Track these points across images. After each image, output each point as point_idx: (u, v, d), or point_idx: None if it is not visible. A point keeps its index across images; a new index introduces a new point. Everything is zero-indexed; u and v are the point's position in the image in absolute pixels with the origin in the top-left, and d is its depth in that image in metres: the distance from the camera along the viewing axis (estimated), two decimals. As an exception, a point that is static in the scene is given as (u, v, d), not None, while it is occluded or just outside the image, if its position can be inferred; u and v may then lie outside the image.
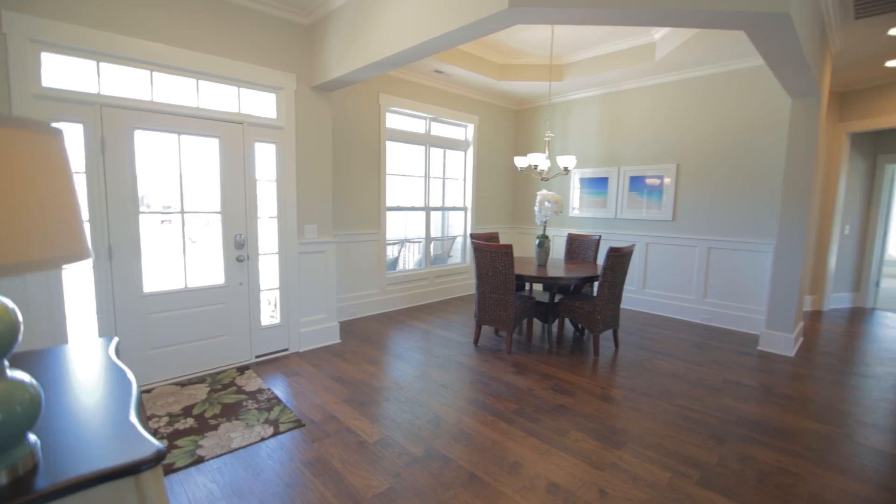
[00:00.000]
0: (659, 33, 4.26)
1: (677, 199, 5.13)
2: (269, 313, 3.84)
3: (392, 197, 5.30)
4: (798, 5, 2.20)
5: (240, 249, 3.48)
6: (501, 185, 6.67)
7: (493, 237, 5.04)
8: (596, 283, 5.67)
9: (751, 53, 4.28)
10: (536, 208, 4.20)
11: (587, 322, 3.84)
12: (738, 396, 3.07)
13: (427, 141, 5.57)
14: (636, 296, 5.50)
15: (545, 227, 4.44)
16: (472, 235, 4.82)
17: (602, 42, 4.63)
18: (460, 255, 6.40)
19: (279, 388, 3.10)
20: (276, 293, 3.79)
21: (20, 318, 0.87)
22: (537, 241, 4.37)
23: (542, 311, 4.34)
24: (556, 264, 4.48)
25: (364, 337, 4.26)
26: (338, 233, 4.64)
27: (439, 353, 3.86)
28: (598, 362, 3.70)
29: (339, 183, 4.67)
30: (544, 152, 4.22)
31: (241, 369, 3.45)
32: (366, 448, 2.37)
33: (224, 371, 3.41)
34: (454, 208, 6.14)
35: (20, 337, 0.87)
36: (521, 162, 4.33)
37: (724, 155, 4.72)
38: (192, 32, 3.04)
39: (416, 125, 5.51)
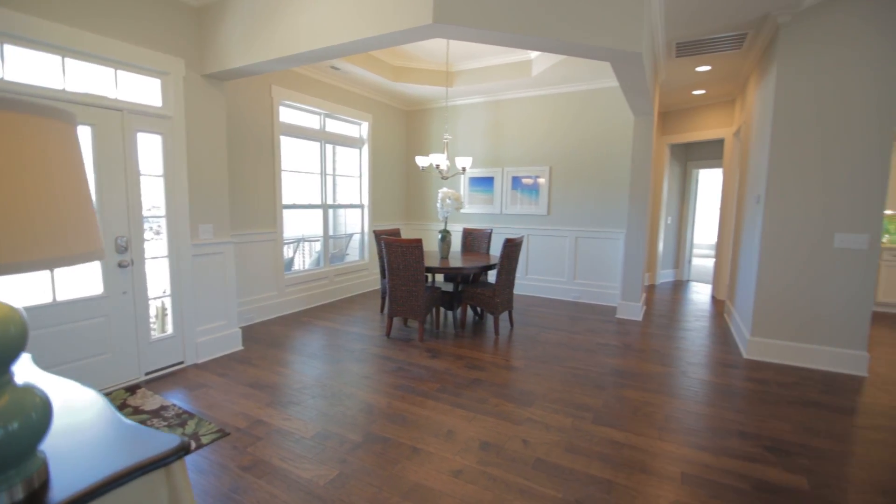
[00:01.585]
0: (535, 53, 4.92)
1: (551, 196, 5.96)
2: (160, 324, 3.46)
3: (288, 194, 5.11)
4: (646, 46, 2.86)
5: (122, 254, 3.08)
6: (396, 183, 6.87)
7: (396, 233, 5.22)
8: (491, 272, 6.24)
9: (607, 77, 5.21)
10: (439, 205, 4.51)
11: (488, 306, 4.29)
12: (608, 354, 3.81)
13: (322, 137, 5.48)
14: (521, 281, 6.23)
15: (447, 222, 4.79)
16: (376, 232, 4.94)
17: (487, 55, 5.14)
18: (358, 252, 6.43)
19: (187, 402, 2.86)
20: (168, 301, 3.43)
21: (27, 321, 0.82)
22: (440, 236, 4.69)
23: (447, 300, 4.68)
24: (456, 256, 4.87)
25: (270, 341, 4.09)
26: (233, 233, 4.34)
27: (353, 347, 3.93)
28: (499, 340, 4.18)
29: (233, 180, 4.36)
30: (444, 153, 4.55)
31: (131, 389, 3.07)
32: (304, 443, 2.39)
33: (110, 393, 3.00)
34: (352, 206, 6.14)
35: (28, 342, 0.82)
36: (423, 161, 4.60)
37: (587, 159, 5.65)
38: (56, 1, 2.61)
39: (310, 120, 5.39)
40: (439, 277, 6.96)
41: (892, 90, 3.15)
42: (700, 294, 6.42)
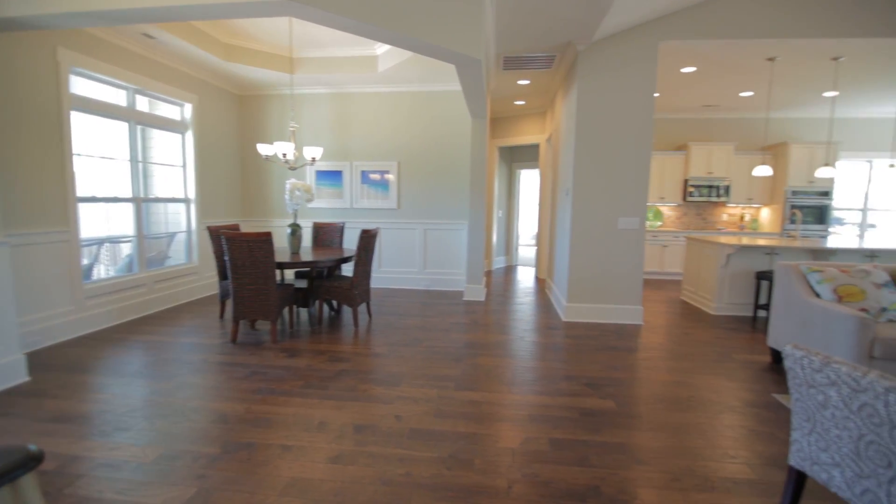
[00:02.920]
0: (381, 49, 5.05)
1: (400, 191, 6.19)
2: None
3: (86, 185, 4.15)
4: (484, 54, 3.26)
5: None
6: (231, 175, 6.18)
7: (235, 229, 4.73)
8: (344, 266, 6.14)
9: (449, 81, 5.65)
10: (287, 197, 4.27)
11: (346, 298, 4.26)
12: (460, 331, 4.20)
13: (132, 117, 4.59)
14: (375, 275, 6.31)
15: (296, 215, 4.55)
16: (210, 228, 4.39)
17: (332, 45, 5.05)
18: (185, 253, 5.59)
19: (-51, 455, 2.13)
20: None
21: None
22: (289, 230, 4.44)
23: (301, 297, 4.47)
24: (308, 251, 4.68)
25: (70, 366, 3.28)
26: (6, 232, 3.31)
27: (193, 359, 3.45)
28: (358, 331, 4.20)
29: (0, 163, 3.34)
30: (290, 141, 4.30)
31: None
32: (146, 469, 2.04)
33: None
34: (174, 199, 5.30)
35: None
36: (266, 150, 4.27)
37: (432, 156, 6.04)
38: None
39: (116, 96, 4.46)
40: (289, 275, 6.53)
41: (649, 111, 4.26)
42: (526, 275, 7.51)
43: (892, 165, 5.32)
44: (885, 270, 3.11)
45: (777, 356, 3.48)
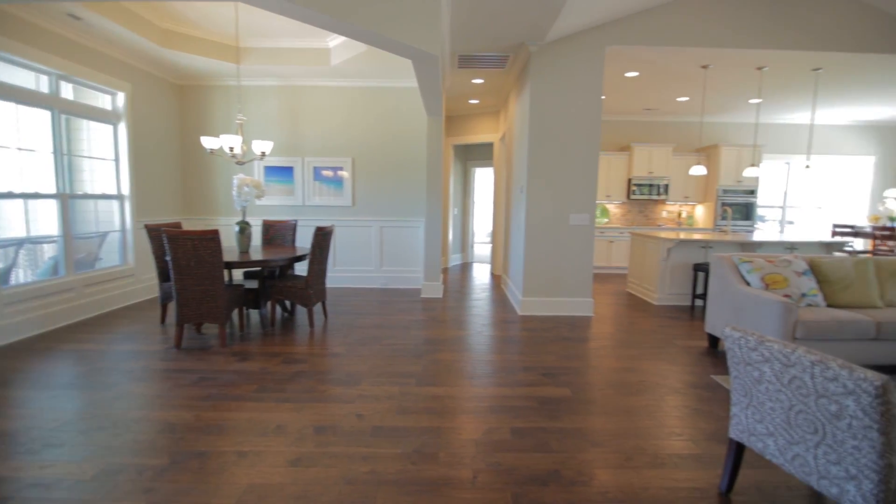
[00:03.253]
0: (333, 42, 4.92)
1: (355, 188, 6.07)
2: None
3: (1, 179, 3.73)
4: (440, 50, 3.26)
5: None
6: (170, 170, 5.79)
7: (177, 227, 4.44)
8: (297, 265, 5.96)
9: (404, 77, 5.60)
10: (235, 193, 4.06)
11: (300, 298, 4.12)
12: (419, 328, 4.20)
13: (55, 105, 4.18)
14: (329, 274, 6.16)
15: (245, 213, 4.34)
16: (149, 227, 4.10)
17: (282, 36, 4.86)
18: (119, 255, 5.17)
19: None
20: None
21: None
22: (237, 228, 4.23)
23: (252, 298, 4.27)
24: (258, 250, 4.48)
25: (-13, 378, 2.95)
26: None
27: (132, 367, 3.21)
28: (314, 332, 4.08)
29: None
30: (238, 134, 4.09)
31: None
32: (84, 487, 1.87)
33: None
34: (105, 196, 4.89)
35: None
36: (211, 143, 4.04)
37: (388, 154, 5.98)
38: None
39: (35, 81, 4.04)
40: (237, 275, 6.24)
41: (597, 112, 4.45)
42: (482, 272, 7.63)
43: (807, 166, 5.91)
44: (804, 260, 3.45)
45: (714, 341, 3.77)
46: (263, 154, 4.24)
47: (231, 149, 3.95)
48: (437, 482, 1.91)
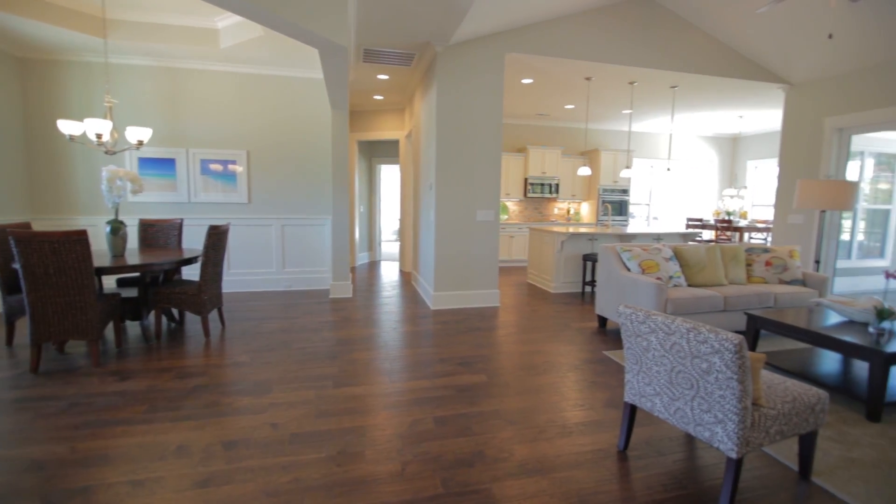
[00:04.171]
0: (223, 22, 4.49)
1: (251, 183, 5.62)
2: None
3: None
4: (349, 41, 3.18)
5: None
6: (10, 160, 4.76)
7: (27, 227, 3.70)
8: (185, 269, 5.37)
9: (305, 67, 5.31)
10: (105, 188, 3.51)
11: (192, 306, 3.71)
12: (331, 329, 4.06)
13: None
14: (224, 278, 5.62)
15: (117, 211, 3.76)
16: (-14, 227, 3.34)
17: (159, 10, 4.29)
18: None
19: None
20: None
21: None
22: (109, 228, 3.67)
23: (131, 308, 3.73)
24: (135, 254, 3.93)
25: None
26: None
27: (-31, 400, 2.60)
28: (210, 342, 3.71)
29: None
30: (107, 119, 3.51)
31: None
32: None
33: None
34: (-86, 190, 3.86)
35: None
36: (71, 128, 3.43)
37: (289, 148, 5.63)
38: None
39: None
40: (109, 282, 5.40)
41: (499, 114, 4.72)
42: (391, 270, 7.60)
43: (668, 169, 6.94)
44: (670, 248, 4.06)
45: (603, 321, 4.25)
46: (141, 143, 3.72)
47: (99, 136, 3.39)
48: (365, 480, 1.88)
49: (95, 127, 3.35)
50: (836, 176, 5.14)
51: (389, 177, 10.49)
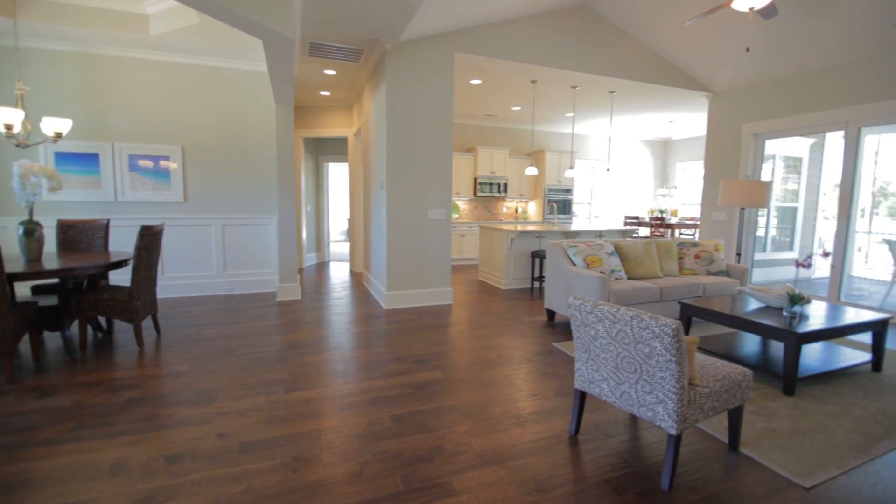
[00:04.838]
0: (153, 7, 4.17)
1: (186, 180, 5.27)
2: None
3: None
4: (295, 34, 3.07)
5: None
6: None
7: (-84, 231, 3.23)
8: (113, 273, 4.97)
9: (246, 59, 5.05)
10: (16, 185, 3.15)
11: (124, 313, 3.43)
12: (279, 332, 3.91)
13: None
14: (158, 283, 5.23)
15: (32, 211, 3.38)
16: None
17: (77, -10, 3.91)
18: None
19: None
20: None
21: None
22: (22, 230, 3.30)
23: (51, 318, 3.38)
24: (54, 257, 3.56)
25: None
26: None
27: None
28: (145, 352, 3.45)
29: None
30: (19, 108, 3.14)
31: None
32: None
33: None
34: None
35: None
36: (-28, 117, 3.04)
37: (229, 144, 5.34)
38: None
39: None
40: (22, 290, 4.86)
41: (449, 113, 4.76)
42: (341, 270, 7.43)
43: (608, 170, 7.33)
44: (611, 243, 4.30)
45: (551, 315, 4.42)
46: (59, 135, 3.38)
47: (8, 127, 3.03)
48: (323, 483, 1.84)
49: (4, 116, 3.00)
50: (753, 177, 5.69)
51: (337, 175, 10.25)
